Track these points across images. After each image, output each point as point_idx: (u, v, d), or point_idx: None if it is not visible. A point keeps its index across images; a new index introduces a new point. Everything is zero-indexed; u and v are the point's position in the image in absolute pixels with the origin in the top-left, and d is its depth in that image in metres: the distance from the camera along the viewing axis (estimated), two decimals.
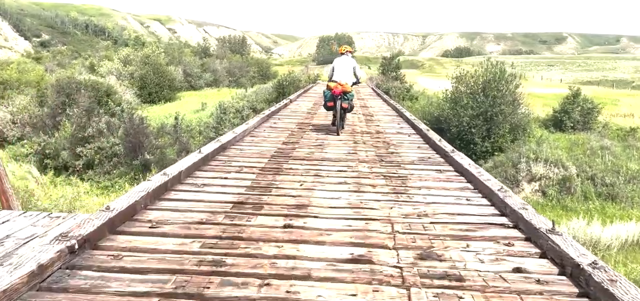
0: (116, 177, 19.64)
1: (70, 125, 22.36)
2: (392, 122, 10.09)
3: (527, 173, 19.48)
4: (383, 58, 36.59)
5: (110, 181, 19.34)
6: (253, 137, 7.27)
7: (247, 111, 23.09)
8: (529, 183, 19.46)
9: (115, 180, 19.33)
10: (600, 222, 14.68)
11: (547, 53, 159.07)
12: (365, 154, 6.21)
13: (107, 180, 19.43)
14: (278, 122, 9.21)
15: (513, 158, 19.84)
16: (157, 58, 38.94)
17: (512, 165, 19.66)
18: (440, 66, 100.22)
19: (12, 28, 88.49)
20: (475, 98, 21.26)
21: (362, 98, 17.19)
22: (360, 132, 8.26)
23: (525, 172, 19.49)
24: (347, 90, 8.66)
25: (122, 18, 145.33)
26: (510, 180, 19.26)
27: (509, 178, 19.30)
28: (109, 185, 19.18)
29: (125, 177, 19.55)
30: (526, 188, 19.39)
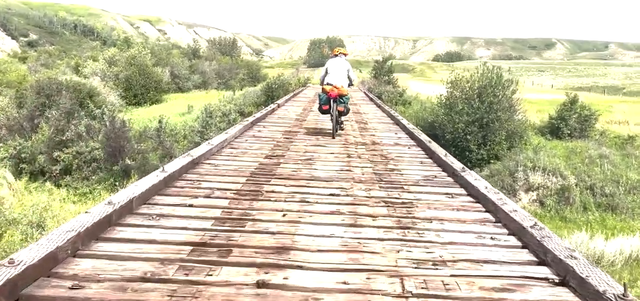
0: (95, 183, 18.69)
1: (48, 128, 21.35)
2: (389, 130, 9.25)
3: (524, 183, 18.77)
4: (375, 61, 35.83)
5: (89, 187, 18.38)
6: (232, 149, 6.37)
7: (234, 115, 22.17)
8: (526, 193, 18.74)
9: (94, 187, 18.38)
10: (603, 236, 13.98)
11: (536, 58, 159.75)
12: (361, 172, 5.37)
13: (85, 187, 18.47)
14: (263, 130, 8.33)
15: (510, 167, 19.12)
16: (143, 59, 37.84)
17: (509, 173, 18.93)
18: (431, 70, 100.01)
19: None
20: (470, 104, 20.52)
21: (355, 104, 16.33)
22: (354, 143, 7.43)
23: (523, 181, 18.78)
24: (343, 93, 8.46)
25: (111, 18, 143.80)
26: (507, 190, 18.52)
27: (506, 188, 18.57)
28: (87, 191, 18.23)
29: (104, 183, 18.61)
30: (524, 198, 18.67)
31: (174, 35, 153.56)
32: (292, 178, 4.89)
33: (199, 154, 5.27)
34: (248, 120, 8.82)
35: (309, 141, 7.34)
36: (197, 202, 3.85)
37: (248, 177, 4.84)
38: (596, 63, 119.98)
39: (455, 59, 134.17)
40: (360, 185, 4.69)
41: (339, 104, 8.41)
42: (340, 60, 9.02)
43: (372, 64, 69.24)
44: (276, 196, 4.17)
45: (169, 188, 4.21)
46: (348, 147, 6.98)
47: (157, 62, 42.61)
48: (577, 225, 16.80)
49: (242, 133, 7.63)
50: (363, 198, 4.24)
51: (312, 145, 6.96)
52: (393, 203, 4.10)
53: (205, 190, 4.21)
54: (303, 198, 4.13)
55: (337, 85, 8.47)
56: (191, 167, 4.96)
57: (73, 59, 49.74)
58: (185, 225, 3.27)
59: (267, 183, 4.61)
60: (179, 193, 4.07)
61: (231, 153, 6.04)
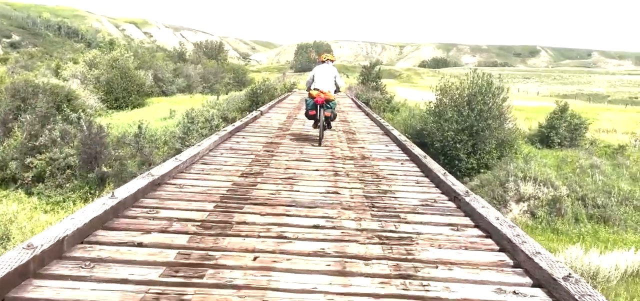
0: (69, 191, 17.83)
1: (21, 133, 20.43)
2: (379, 142, 8.58)
3: (515, 193, 18.28)
4: (363, 67, 35.20)
5: (62, 196, 17.52)
6: (205, 165, 5.64)
7: (218, 120, 21.39)
8: (517, 204, 18.26)
9: (68, 195, 17.53)
10: (597, 251, 13.49)
11: (521, 65, 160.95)
12: (350, 194, 4.67)
13: (58, 195, 17.61)
14: (242, 141, 7.59)
15: (500, 177, 18.62)
16: (125, 62, 36.86)
17: (500, 183, 18.44)
18: (418, 76, 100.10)
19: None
20: (460, 112, 20.01)
21: (342, 111, 15.62)
22: (341, 157, 6.75)
23: (514, 191, 18.29)
24: (330, 98, 8.46)
25: (96, 20, 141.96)
26: (497, 200, 18.02)
27: (497, 198, 18.06)
28: (60, 200, 17.38)
29: (79, 191, 17.78)
30: (514, 209, 18.17)
31: (160, 38, 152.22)
32: (269, 204, 4.16)
33: (162, 173, 4.51)
34: (226, 130, 8.09)
35: (291, 154, 6.64)
36: (150, 238, 3.11)
37: (218, 202, 4.10)
38: (580, 71, 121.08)
39: (442, 65, 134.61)
40: (349, 213, 3.98)
41: (326, 109, 8.42)
42: (327, 66, 8.99)
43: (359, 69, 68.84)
44: (248, 229, 3.44)
45: (119, 219, 3.46)
46: (335, 162, 6.29)
47: (140, 65, 41.64)
48: (570, 237, 16.31)
49: (218, 145, 6.89)
50: (353, 231, 3.53)
51: (295, 160, 6.25)
52: (389, 238, 3.40)
53: (163, 222, 3.46)
54: (281, 232, 3.41)
55: (324, 91, 8.49)
56: (151, 190, 4.20)
57: (54, 61, 48.55)
58: (126, 276, 2.52)
59: (239, 211, 3.87)
60: (129, 226, 3.32)
61: (202, 170, 5.30)
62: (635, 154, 22.11)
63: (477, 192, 18.35)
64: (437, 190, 4.92)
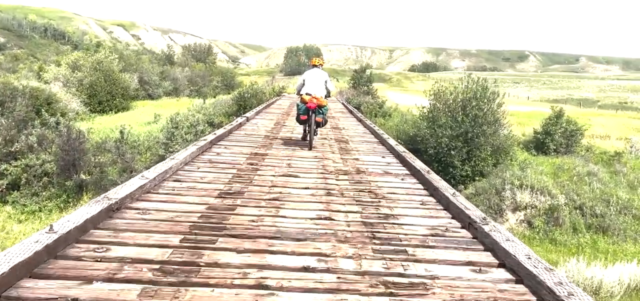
0: (45, 200, 16.94)
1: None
2: (374, 152, 7.89)
3: (511, 202, 17.68)
4: (354, 71, 34.47)
5: (38, 205, 16.63)
6: (177, 182, 4.90)
7: (203, 126, 20.56)
8: (513, 213, 17.64)
9: (44, 204, 16.63)
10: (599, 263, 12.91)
11: (510, 70, 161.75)
12: (346, 220, 3.94)
13: (34, 204, 16.71)
14: (223, 152, 6.85)
15: (496, 185, 18.02)
16: (110, 64, 35.91)
17: (496, 192, 17.83)
18: (408, 80, 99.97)
19: None
20: (454, 118, 19.40)
21: (333, 117, 14.89)
22: (334, 171, 6.02)
23: (510, 200, 17.69)
24: (322, 104, 8.45)
25: (83, 22, 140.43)
26: (493, 209, 17.41)
27: (493, 207, 17.45)
28: (36, 209, 16.49)
29: (56, 200, 16.90)
30: (511, 219, 17.56)
31: (148, 40, 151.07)
32: (249, 235, 3.40)
33: (121, 195, 3.76)
34: (206, 139, 7.30)
35: (278, 168, 5.90)
36: (89, 292, 2.36)
37: (186, 233, 3.34)
38: (569, 75, 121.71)
39: (432, 70, 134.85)
40: (345, 248, 3.23)
41: (318, 115, 8.40)
42: (318, 70, 8.99)
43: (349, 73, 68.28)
44: (220, 275, 2.68)
45: (55, 261, 2.69)
46: (327, 177, 5.55)
47: (125, 67, 40.70)
48: (568, 248, 15.74)
49: (196, 157, 6.13)
50: (352, 275, 2.79)
51: (282, 176, 5.52)
52: (397, 286, 2.67)
53: (112, 265, 2.70)
54: (261, 278, 2.66)
55: (316, 96, 8.47)
56: (105, 217, 3.43)
57: (36, 63, 47.39)
58: None
59: (210, 246, 3.12)
60: (66, 273, 2.55)
61: (173, 189, 4.54)
62: (632, 162, 21.63)
63: (473, 200, 17.74)
64: (447, 214, 4.21)
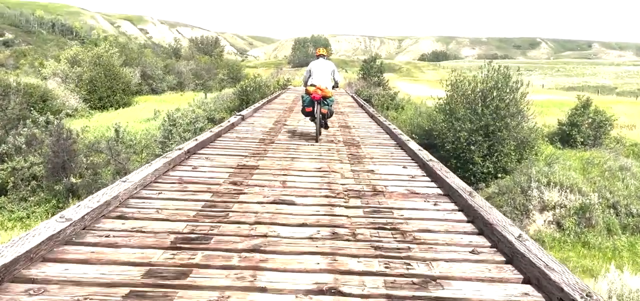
0: (34, 205, 15.70)
1: None
2: (393, 160, 6.35)
3: (539, 201, 16.14)
4: (364, 61, 32.69)
5: (27, 210, 15.37)
6: (121, 219, 3.41)
7: (203, 122, 19.17)
8: (541, 213, 16.09)
9: (33, 210, 15.38)
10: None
11: (521, 58, 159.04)
12: (361, 295, 2.44)
13: (22, 210, 15.46)
14: (203, 165, 5.27)
15: (521, 183, 16.46)
16: (110, 58, 34.59)
17: (521, 190, 16.28)
18: (418, 70, 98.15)
19: None
20: (474, 110, 17.85)
21: (341, 112, 13.36)
22: (343, 193, 4.45)
23: (537, 199, 16.14)
24: (327, 95, 8.30)
25: (90, 17, 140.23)
26: (519, 210, 15.88)
27: (518, 208, 15.92)
28: (24, 215, 15.23)
29: (45, 205, 15.65)
30: (538, 220, 16.00)
31: (156, 34, 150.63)
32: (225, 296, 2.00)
33: (9, 259, 2.35)
34: (182, 148, 5.62)
35: (270, 188, 4.33)
36: None
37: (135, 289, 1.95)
38: (583, 62, 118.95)
39: (442, 58, 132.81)
40: None
41: (323, 106, 8.24)
42: (324, 61, 8.83)
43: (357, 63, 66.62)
44: None
45: None
46: (334, 203, 3.92)
47: (127, 61, 39.40)
48: (603, 252, 14.22)
49: (163, 174, 4.68)
50: None
51: (272, 202, 3.97)
52: None
53: None
54: None
55: (321, 87, 8.26)
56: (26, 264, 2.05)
57: (38, 59, 46.28)
58: None
59: None
60: None
61: (109, 234, 3.10)
62: None
63: (496, 200, 16.22)
64: (515, 274, 2.72)
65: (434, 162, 5.51)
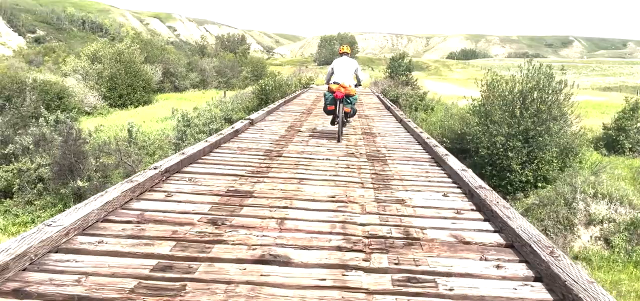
0: (39, 209, 14.87)
1: None
2: (429, 184, 4.89)
3: (584, 215, 14.51)
4: (391, 59, 31.04)
5: (32, 215, 14.52)
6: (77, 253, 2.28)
7: (218, 123, 18.05)
8: (586, 228, 14.43)
9: (38, 214, 14.54)
10: None
11: (553, 56, 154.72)
12: None
13: (27, 214, 14.63)
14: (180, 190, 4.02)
15: (565, 194, 14.85)
16: (131, 55, 33.92)
17: (565, 202, 14.67)
18: (446, 68, 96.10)
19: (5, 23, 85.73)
20: (512, 112, 16.31)
21: (365, 116, 11.99)
22: (362, 241, 3.11)
23: (583, 212, 14.51)
24: (350, 93, 8.13)
25: (120, 15, 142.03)
26: (562, 224, 14.28)
27: (562, 221, 14.31)
28: (28, 220, 14.38)
29: (51, 210, 14.80)
30: (584, 235, 14.35)
31: (184, 32, 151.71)
32: None
33: None
34: (158, 167, 4.34)
35: (262, 229, 2.98)
36: None
37: None
38: (618, 61, 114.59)
39: (471, 57, 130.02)
40: None
41: (346, 105, 8.06)
42: (347, 59, 8.64)
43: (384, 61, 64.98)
44: None
45: None
46: (349, 261, 2.59)
47: (149, 58, 38.75)
48: None
49: (130, 201, 3.52)
50: None
51: (258, 260, 2.67)
52: None
53: None
54: None
55: (344, 84, 8.08)
56: None
57: (60, 56, 46.09)
58: None
59: None
60: None
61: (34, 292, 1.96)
62: None
63: (536, 213, 14.69)
64: None
65: (485, 189, 4.14)
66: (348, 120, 8.74)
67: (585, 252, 13.38)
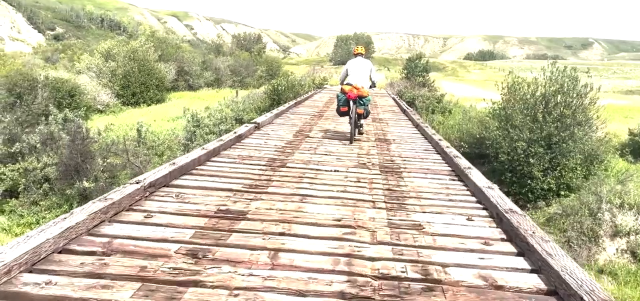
0: (44, 210, 14.49)
1: None
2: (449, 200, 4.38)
3: (610, 226, 13.74)
4: (408, 59, 30.17)
5: (37, 215, 14.16)
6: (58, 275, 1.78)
7: (229, 124, 17.55)
8: (612, 240, 13.65)
9: (43, 215, 14.16)
10: None
11: (572, 58, 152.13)
12: None
13: (32, 215, 14.25)
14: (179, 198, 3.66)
15: (590, 203, 14.08)
16: (145, 53, 33.64)
17: (589, 213, 13.90)
18: (464, 69, 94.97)
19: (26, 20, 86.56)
20: (534, 117, 15.59)
21: (379, 120, 11.38)
22: (372, 278, 2.58)
23: (609, 223, 13.74)
24: (363, 94, 8.11)
25: (138, 13, 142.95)
26: (586, 235, 13.52)
27: (586, 232, 13.55)
28: (33, 221, 14.01)
29: (56, 211, 14.39)
30: (609, 248, 13.56)
31: (201, 31, 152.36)
32: None
33: None
34: (142, 181, 3.77)
35: (249, 266, 2.37)
36: None
37: None
38: None
39: (488, 58, 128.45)
40: None
41: (359, 106, 8.06)
42: (362, 60, 8.61)
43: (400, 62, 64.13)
44: None
45: None
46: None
47: (163, 56, 38.46)
48: None
49: (95, 227, 2.92)
50: None
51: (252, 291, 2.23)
52: None
53: None
54: None
55: (357, 86, 8.07)
56: None
57: (76, 53, 46.04)
58: None
59: None
60: None
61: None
62: None
63: (559, 223, 13.97)
64: None
65: (517, 213, 3.53)
66: (361, 122, 8.65)
67: (610, 266, 12.64)
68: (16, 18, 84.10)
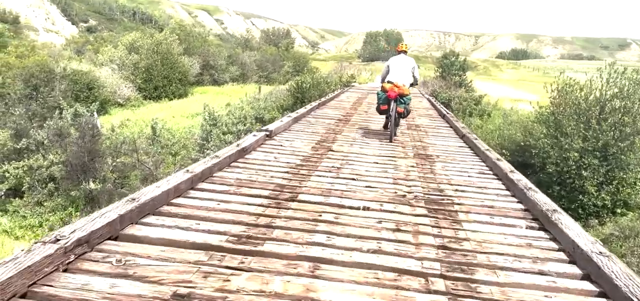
0: (48, 211, 13.46)
1: (6, 131, 16.64)
2: (539, 271, 2.71)
3: None
4: (443, 57, 28.25)
5: (40, 217, 13.11)
6: None
7: (249, 123, 16.24)
8: None
9: (47, 217, 13.14)
10: None
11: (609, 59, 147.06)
12: None
13: (35, 216, 13.22)
14: (121, 267, 2.29)
15: None
16: (169, 46, 32.72)
17: None
18: (496, 68, 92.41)
19: (60, 12, 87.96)
20: (588, 124, 13.86)
21: (416, 126, 9.83)
22: None
23: None
24: (404, 93, 7.99)
25: (170, 6, 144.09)
26: None
27: None
28: (36, 223, 12.98)
29: (60, 213, 13.34)
30: None
31: (231, 25, 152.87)
32: None
33: None
34: (67, 237, 2.30)
35: None
36: None
37: None
38: None
39: (522, 57, 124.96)
40: None
41: (399, 105, 7.93)
42: (405, 57, 8.58)
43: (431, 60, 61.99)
44: None
45: None
46: None
47: (188, 50, 37.57)
48: None
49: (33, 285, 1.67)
50: None
51: None
52: None
53: None
54: None
55: (398, 84, 7.98)
56: None
57: (102, 45, 45.59)
58: None
59: None
60: None
61: None
62: None
63: (616, 246, 12.23)
64: None
65: None
66: (400, 121, 8.54)
67: None
68: (51, 10, 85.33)
